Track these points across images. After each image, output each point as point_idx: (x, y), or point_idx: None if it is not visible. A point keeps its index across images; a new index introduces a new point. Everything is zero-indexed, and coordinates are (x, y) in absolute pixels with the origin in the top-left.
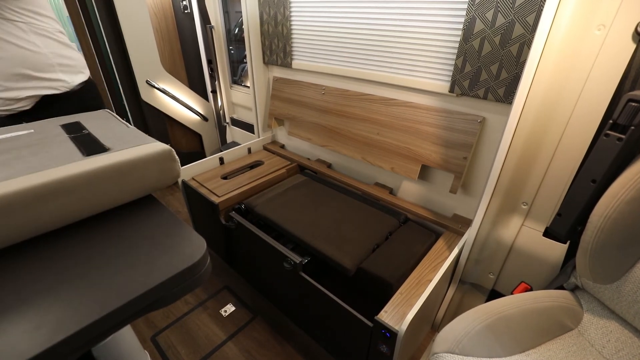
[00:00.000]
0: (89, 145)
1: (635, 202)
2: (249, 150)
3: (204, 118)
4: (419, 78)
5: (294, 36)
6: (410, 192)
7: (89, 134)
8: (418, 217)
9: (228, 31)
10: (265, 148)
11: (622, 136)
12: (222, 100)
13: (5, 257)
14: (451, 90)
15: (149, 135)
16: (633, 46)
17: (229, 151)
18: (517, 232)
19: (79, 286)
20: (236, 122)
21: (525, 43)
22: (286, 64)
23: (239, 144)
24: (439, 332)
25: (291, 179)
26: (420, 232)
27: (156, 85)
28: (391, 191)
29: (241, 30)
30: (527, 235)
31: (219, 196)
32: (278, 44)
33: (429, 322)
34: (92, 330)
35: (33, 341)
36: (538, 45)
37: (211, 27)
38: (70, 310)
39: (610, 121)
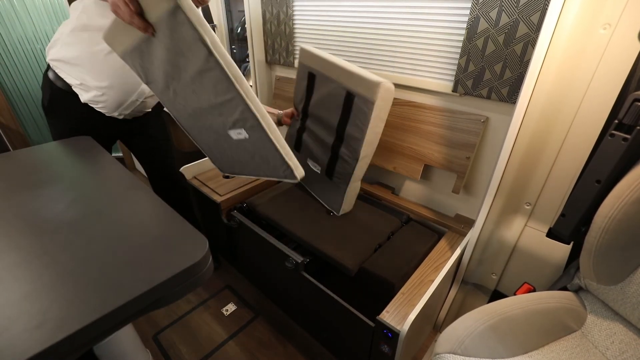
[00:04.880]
0: None
1: None
2: None
3: None
4: (421, 77)
5: (296, 35)
6: (412, 191)
7: None
8: (420, 217)
9: (230, 30)
10: None
11: (628, 136)
12: None
13: (7, 255)
14: (454, 89)
15: None
16: (639, 45)
17: None
18: (520, 233)
19: (81, 284)
20: None
21: (530, 42)
22: (289, 63)
23: None
24: (441, 332)
25: None
26: (423, 232)
27: None
28: (393, 191)
29: (244, 30)
30: (531, 235)
31: (220, 195)
32: (281, 43)
33: (431, 323)
34: (93, 329)
35: (34, 339)
36: (542, 44)
37: (214, 26)
38: (72, 308)
39: (616, 121)
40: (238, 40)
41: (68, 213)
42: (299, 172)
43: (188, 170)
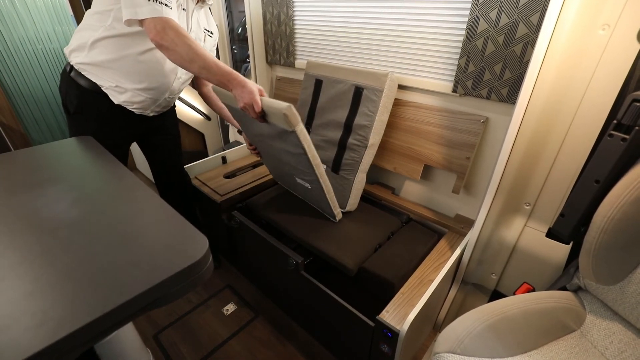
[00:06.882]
0: None
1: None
2: None
3: (207, 117)
4: (421, 78)
5: (297, 36)
6: (412, 192)
7: None
8: (420, 217)
9: (231, 31)
10: None
11: (627, 136)
12: None
13: (8, 254)
14: (454, 90)
15: None
16: (638, 46)
17: (232, 150)
18: (520, 233)
19: (82, 283)
20: None
21: (529, 43)
22: (289, 63)
23: (242, 143)
24: (440, 332)
25: None
26: (423, 232)
27: None
28: (393, 191)
29: (244, 30)
30: (530, 235)
31: (221, 195)
32: (281, 44)
33: (431, 322)
34: (94, 328)
35: (36, 338)
36: (542, 45)
37: None
38: (73, 307)
39: (615, 121)
40: (239, 41)
41: (69, 212)
42: (339, 216)
43: (189, 170)
